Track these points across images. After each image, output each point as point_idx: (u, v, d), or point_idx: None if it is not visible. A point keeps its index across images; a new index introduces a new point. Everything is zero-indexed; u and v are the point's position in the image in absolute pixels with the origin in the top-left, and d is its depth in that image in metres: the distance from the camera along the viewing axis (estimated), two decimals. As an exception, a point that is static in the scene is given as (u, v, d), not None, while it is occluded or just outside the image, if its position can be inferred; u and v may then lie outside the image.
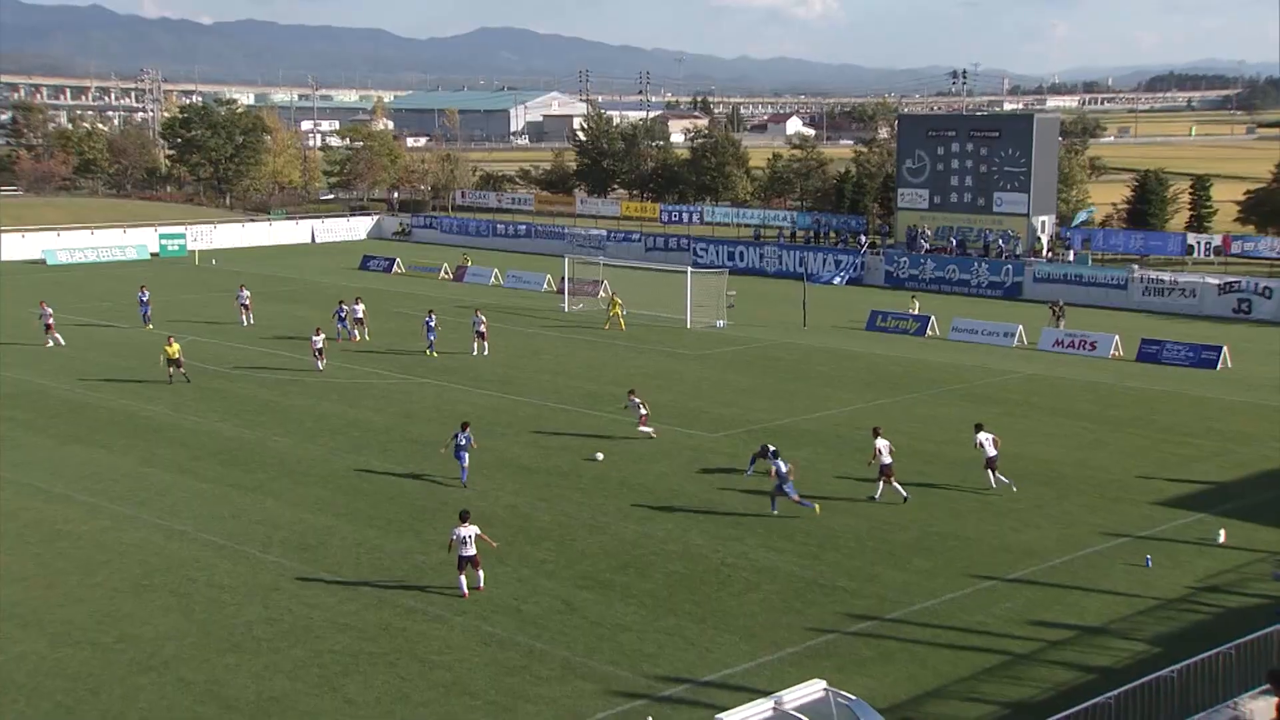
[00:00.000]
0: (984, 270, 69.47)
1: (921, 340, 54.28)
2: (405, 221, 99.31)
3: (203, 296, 64.55)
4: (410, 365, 46.49)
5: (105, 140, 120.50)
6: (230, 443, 35.22)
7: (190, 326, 54.46)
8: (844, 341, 53.41)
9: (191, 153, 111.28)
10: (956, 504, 30.08)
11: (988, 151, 72.67)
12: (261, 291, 65.61)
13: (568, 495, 30.39)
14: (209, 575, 25.01)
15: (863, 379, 45.12)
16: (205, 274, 75.41)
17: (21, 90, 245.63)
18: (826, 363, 48.33)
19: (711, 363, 48.09)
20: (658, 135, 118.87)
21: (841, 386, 43.68)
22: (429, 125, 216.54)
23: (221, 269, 77.69)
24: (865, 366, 47.63)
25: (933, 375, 46.00)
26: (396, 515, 28.80)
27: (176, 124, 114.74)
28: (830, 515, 29.05)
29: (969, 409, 40.28)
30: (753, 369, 46.68)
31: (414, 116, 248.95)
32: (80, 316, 57.94)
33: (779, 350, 51.01)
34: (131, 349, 49.24)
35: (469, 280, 72.76)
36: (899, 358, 49.49)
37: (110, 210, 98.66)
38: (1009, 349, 52.05)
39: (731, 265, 74.65)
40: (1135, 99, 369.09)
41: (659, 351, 49.76)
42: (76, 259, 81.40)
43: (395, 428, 37.01)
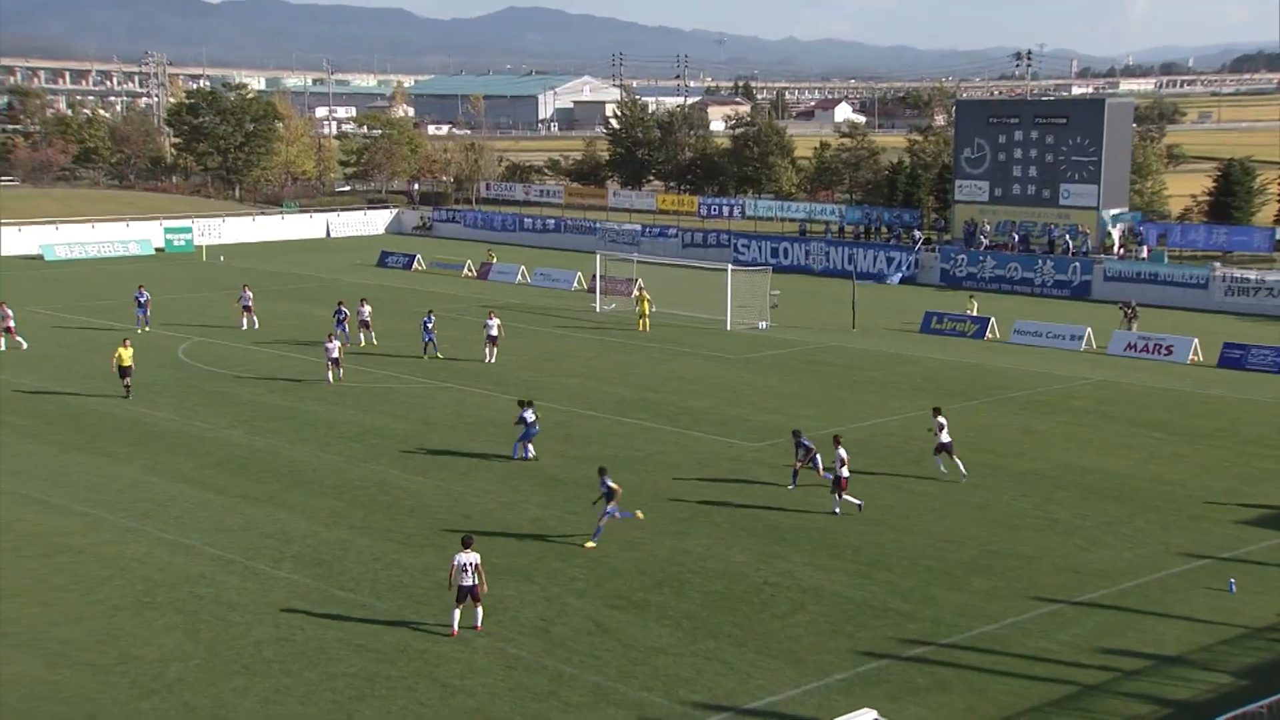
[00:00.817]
0: (1049, 268, 69.08)
1: (980, 343, 54.02)
2: (426, 215, 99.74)
3: (209, 295, 65.07)
4: (431, 369, 46.70)
5: (107, 127, 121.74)
6: (240, 451, 35.48)
7: (196, 328, 54.91)
8: (896, 344, 53.22)
9: (198, 141, 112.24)
10: (1018, 520, 29.92)
11: (1054, 139, 72.26)
12: (273, 290, 66.09)
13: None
14: (216, 592, 25.20)
15: (916, 385, 44.94)
16: (213, 271, 76.02)
17: (18, 74, 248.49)
18: (877, 367, 48.17)
19: (753, 367, 48.03)
20: (696, 123, 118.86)
21: (893, 393, 43.52)
22: (452, 112, 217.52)
23: (230, 265, 78.29)
24: (919, 371, 47.43)
25: (992, 381, 45.75)
26: (416, 529, 28.93)
27: (183, 110, 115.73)
28: (882, 532, 28.96)
29: (1032, 417, 40.06)
30: (798, 374, 46.58)
31: (436, 103, 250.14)
32: (81, 316, 58.55)
33: (826, 354, 50.87)
34: (135, 351, 49.70)
35: (494, 278, 72.98)
36: (956, 362, 49.26)
37: (112, 202, 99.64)
38: (1076, 353, 51.72)
39: (775, 262, 74.56)
40: (1219, 81, 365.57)
41: (697, 354, 49.74)
42: (76, 254, 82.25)
43: (414, 435, 37.18)
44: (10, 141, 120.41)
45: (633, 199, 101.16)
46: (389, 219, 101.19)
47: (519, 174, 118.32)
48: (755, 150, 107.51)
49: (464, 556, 22.96)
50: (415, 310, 59.15)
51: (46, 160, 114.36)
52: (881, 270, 74.25)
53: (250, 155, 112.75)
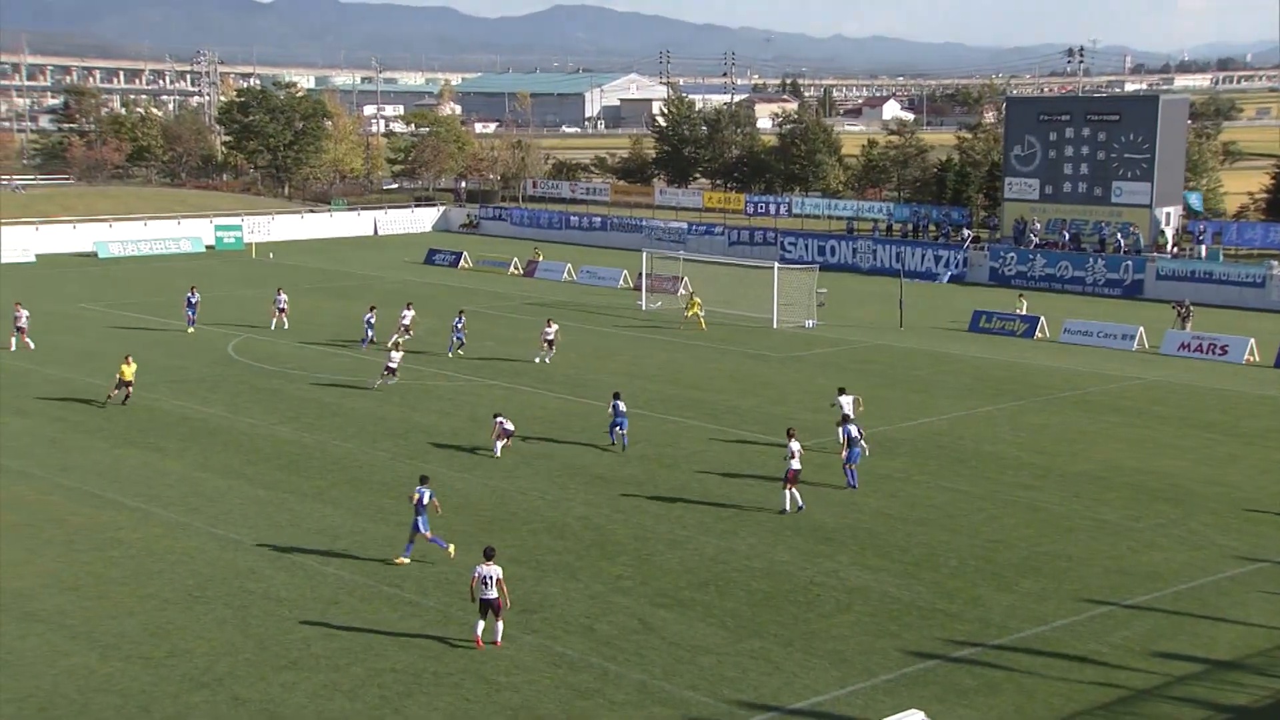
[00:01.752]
0: (1100, 267, 68.46)
1: (1030, 342, 53.63)
2: (473, 213, 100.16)
3: (259, 292, 65.63)
4: (478, 366, 46.90)
5: (159, 126, 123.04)
6: (288, 446, 35.79)
7: (245, 325, 55.42)
8: (944, 343, 52.92)
9: (249, 139, 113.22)
10: (1068, 521, 29.67)
11: (1106, 136, 71.61)
12: (320, 288, 66.59)
13: (645, 506, 30.46)
14: (265, 587, 25.44)
15: (964, 384, 44.67)
16: (262, 268, 76.69)
17: (74, 73, 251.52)
18: (925, 366, 47.91)
19: (800, 366, 47.90)
20: (743, 121, 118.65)
21: (941, 392, 43.28)
22: (499, 110, 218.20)
23: (279, 263, 78.95)
24: (967, 370, 47.15)
25: (1042, 380, 45.40)
26: (462, 526, 29.07)
27: (233, 109, 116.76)
28: (930, 532, 28.82)
29: (1083, 418, 39.72)
30: (844, 373, 46.41)
31: (483, 100, 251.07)
32: (133, 313, 59.24)
33: (873, 353, 50.66)
34: (186, 347, 50.25)
35: (540, 276, 73.18)
36: (1005, 361, 48.93)
37: (164, 200, 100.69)
38: (1128, 353, 51.23)
39: (822, 261, 74.32)
40: (1278, 76, 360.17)
41: (743, 353, 49.65)
42: (129, 252, 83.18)
43: (461, 432, 37.35)
44: (66, 140, 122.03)
45: (679, 197, 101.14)
46: (436, 217, 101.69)
47: (565, 172, 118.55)
48: (802, 148, 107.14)
49: (485, 569, 22.43)
50: (464, 307, 59.41)
51: (101, 159, 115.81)
52: (930, 269, 73.86)
53: (299, 153, 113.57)
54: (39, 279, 70.20)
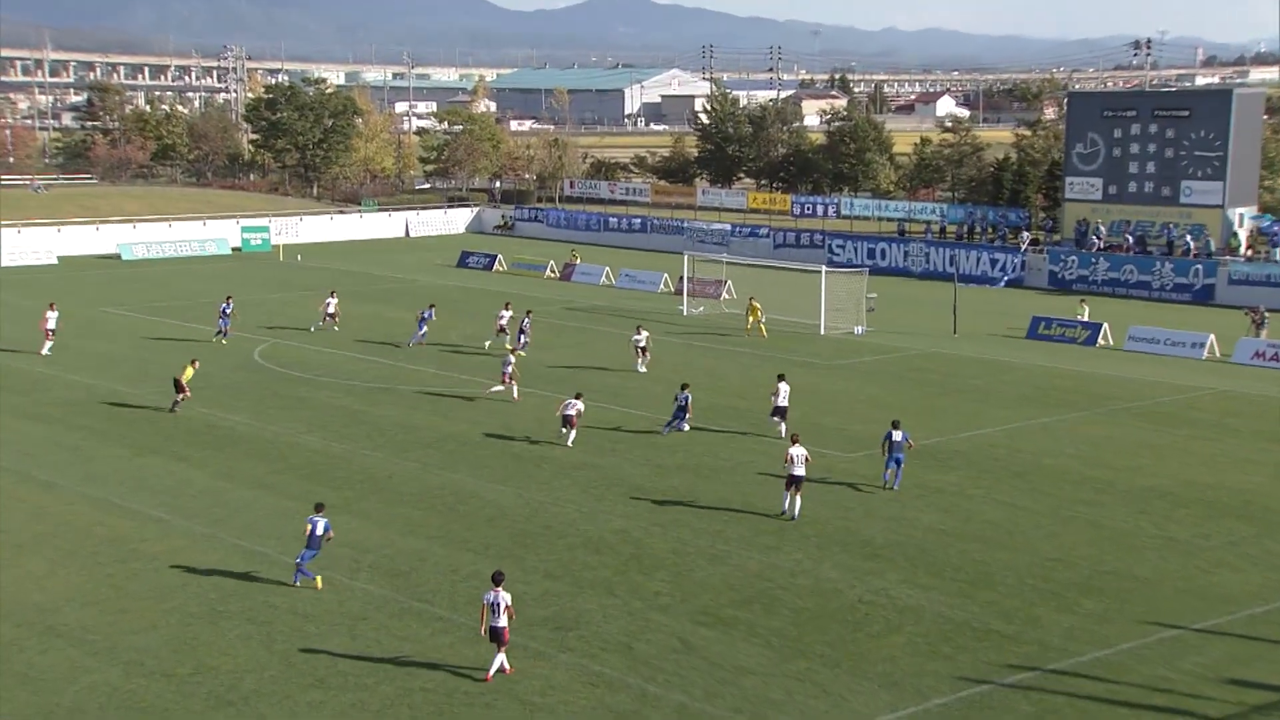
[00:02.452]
0: (1168, 271, 67.89)
1: (1092, 350, 53.25)
2: (508, 214, 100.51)
3: (287, 295, 66.14)
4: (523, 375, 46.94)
5: (185, 124, 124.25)
6: (315, 456, 36.00)
7: (272, 330, 55.83)
8: (1001, 351, 52.63)
9: (277, 137, 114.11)
10: (1133, 539, 29.42)
11: (1175, 133, 71.03)
12: (350, 291, 66.95)
13: (685, 520, 30.44)
14: (291, 602, 25.58)
15: (1022, 394, 44.41)
16: (290, 271, 77.24)
17: (97, 70, 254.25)
18: (980, 375, 47.66)
19: (848, 374, 47.75)
20: (790, 118, 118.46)
21: (997, 402, 43.04)
22: (535, 107, 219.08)
23: (307, 265, 79.49)
24: (1025, 379, 46.87)
25: (1105, 391, 45.07)
26: (495, 539, 29.14)
27: (261, 105, 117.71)
28: (986, 549, 28.64)
29: (1149, 430, 39.39)
30: (896, 381, 46.22)
31: (519, 97, 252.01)
32: (157, 318, 59.78)
33: (926, 360, 50.44)
34: (211, 353, 50.63)
35: (577, 279, 73.33)
36: (1065, 370, 48.61)
37: (189, 201, 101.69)
38: (1197, 362, 50.78)
39: (872, 264, 74.08)
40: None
41: (789, 360, 49.55)
42: (153, 254, 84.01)
43: (494, 441, 37.46)
44: (90, 139, 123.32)
45: (722, 197, 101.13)
46: (470, 218, 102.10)
47: (604, 171, 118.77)
48: (851, 146, 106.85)
49: (494, 595, 22.14)
50: (497, 312, 59.61)
51: (125, 158, 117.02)
52: (986, 273, 73.48)
53: (328, 152, 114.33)
54: (61, 282, 70.98)
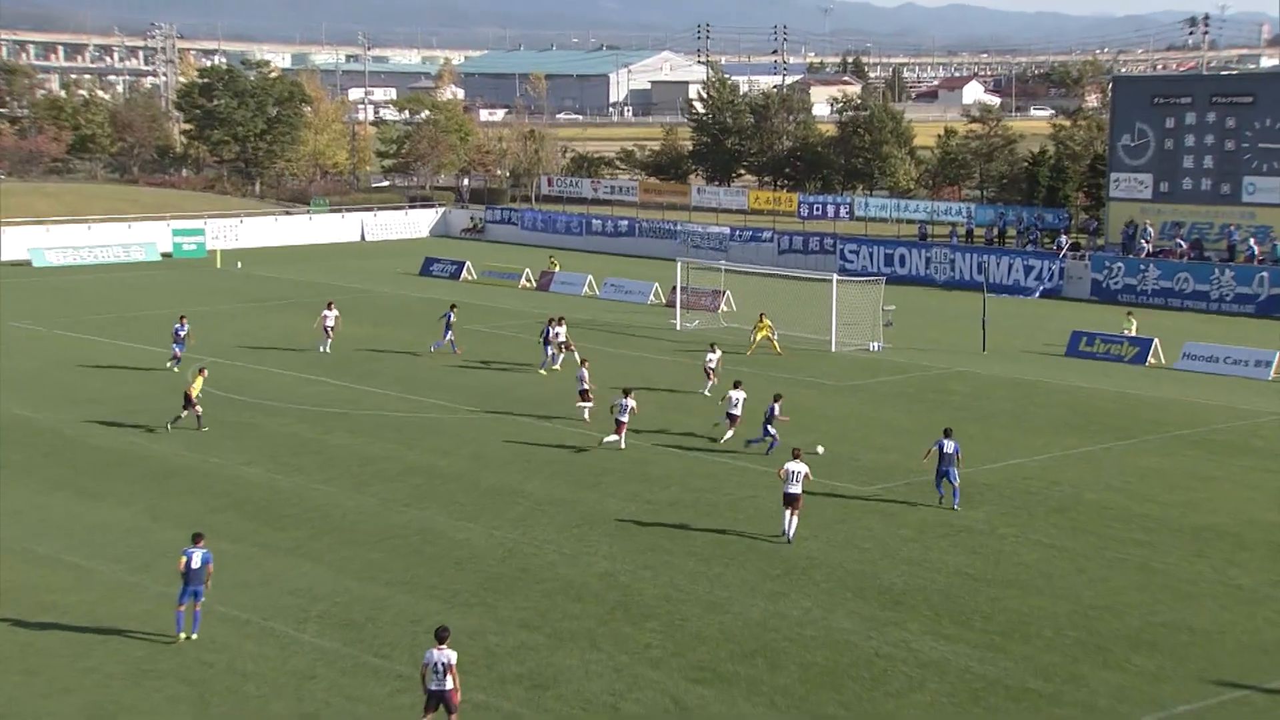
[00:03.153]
0: (1228, 279, 68.10)
1: (1141, 369, 53.38)
2: (477, 215, 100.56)
3: (226, 308, 66.07)
4: (488, 395, 47.01)
5: (107, 112, 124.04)
6: (259, 491, 35.93)
7: (209, 347, 55.69)
8: (1036, 370, 52.72)
9: (213, 128, 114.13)
10: (1190, 586, 29.45)
11: (1236, 122, 71.35)
12: (301, 303, 66.97)
13: (679, 562, 30.43)
14: (229, 659, 25.51)
15: (1061, 418, 44.50)
16: (229, 280, 77.15)
17: (3, 48, 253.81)
18: (1013, 397, 47.73)
19: (863, 396, 47.80)
20: (796, 107, 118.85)
21: (1032, 428, 43.13)
22: (508, 94, 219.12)
23: (249, 273, 79.41)
24: (1064, 402, 46.96)
25: (1156, 415, 45.17)
26: (464, 584, 29.11)
27: (195, 92, 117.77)
28: (1020, 596, 28.67)
29: (1207, 460, 39.49)
30: (916, 404, 46.27)
31: (490, 83, 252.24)
32: (75, 333, 59.66)
33: (951, 381, 50.52)
34: (140, 374, 50.53)
35: (556, 289, 73.35)
36: (1110, 392, 48.71)
37: (112, 200, 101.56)
38: (1263, 383, 50.96)
39: (890, 272, 74.26)
40: None
41: (796, 380, 49.60)
42: (70, 260, 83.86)
43: (465, 474, 37.44)
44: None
45: (720, 196, 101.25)
46: (434, 220, 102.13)
47: (586, 167, 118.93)
48: (866, 139, 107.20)
49: (438, 654, 21.91)
50: (472, 328, 59.58)
51: (36, 150, 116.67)
52: (1019, 281, 73.66)
53: (273, 145, 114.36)
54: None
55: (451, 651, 22.10)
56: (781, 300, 60.39)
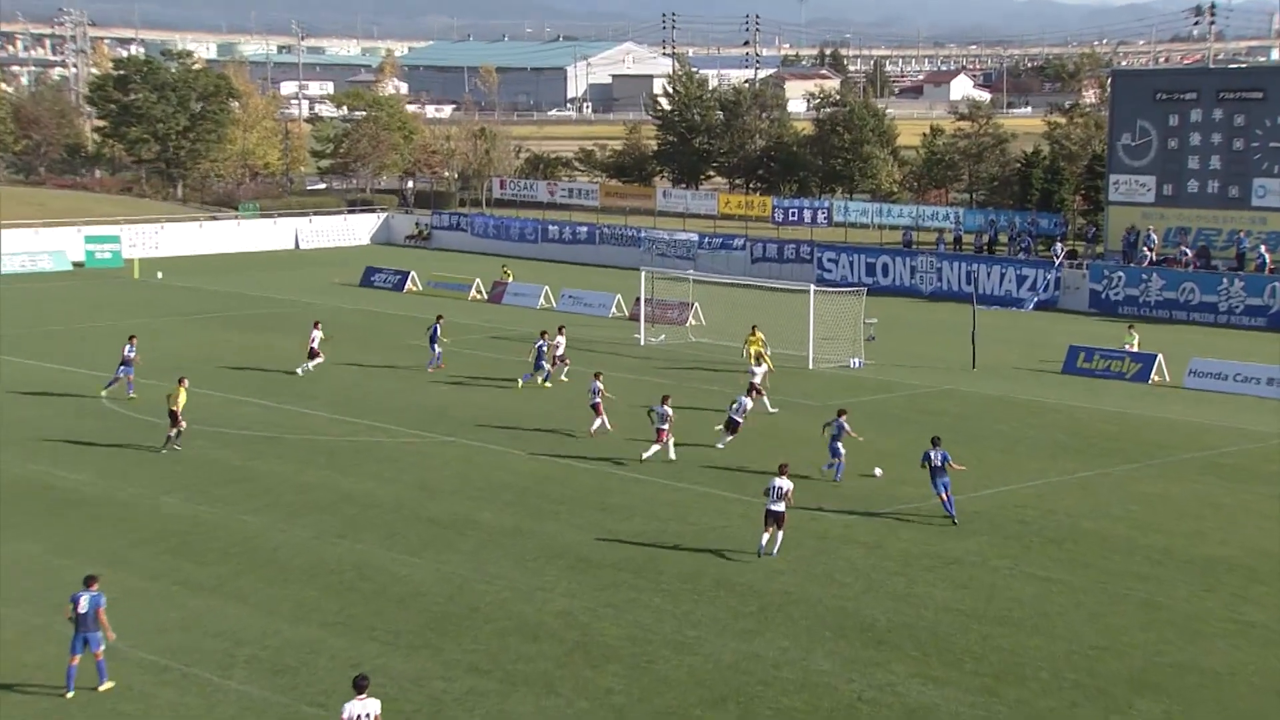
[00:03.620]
0: (1237, 289, 68.53)
1: (1144, 388, 53.64)
2: (423, 221, 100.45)
3: (144, 322, 65.67)
4: (432, 417, 46.88)
5: (10, 106, 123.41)
6: (180, 523, 35.69)
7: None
8: (1030, 388, 52.92)
9: (129, 125, 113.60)
10: (1199, 623, 29.54)
11: (1246, 120, 71.86)
12: (224, 317, 66.71)
13: (644, 599, 30.38)
14: (145, 710, 25.30)
15: (1057, 441, 44.68)
16: (148, 291, 76.72)
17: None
18: (1006, 418, 47.90)
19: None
20: (770, 103, 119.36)
21: (1026, 452, 43.28)
22: (456, 89, 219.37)
23: (170, 284, 79.01)
24: (1061, 424, 47.16)
25: (1160, 438, 45.40)
26: (408, 625, 28.97)
27: (109, 85, 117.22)
28: (1014, 635, 28.72)
29: (1216, 487, 39.69)
30: (901, 426, 46.37)
31: (436, 76, 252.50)
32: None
33: (938, 400, 50.66)
34: (47, 396, 50.17)
35: (509, 301, 73.30)
36: (1110, 412, 48.93)
37: (16, 203, 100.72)
38: (1275, 402, 51.27)
39: (871, 283, 74.48)
40: None
41: (771, 400, 49.64)
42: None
43: (408, 503, 37.31)
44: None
45: (688, 200, 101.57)
46: (375, 226, 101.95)
47: (542, 168, 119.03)
48: (846, 138, 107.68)
49: (356, 706, 21.50)
50: (412, 342, 59.42)
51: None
52: (1011, 292, 73.98)
53: (196, 144, 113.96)
54: None
55: (374, 701, 21.87)
56: (754, 313, 60.41)
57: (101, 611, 25.74)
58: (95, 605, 25.63)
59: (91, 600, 25.64)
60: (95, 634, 25.62)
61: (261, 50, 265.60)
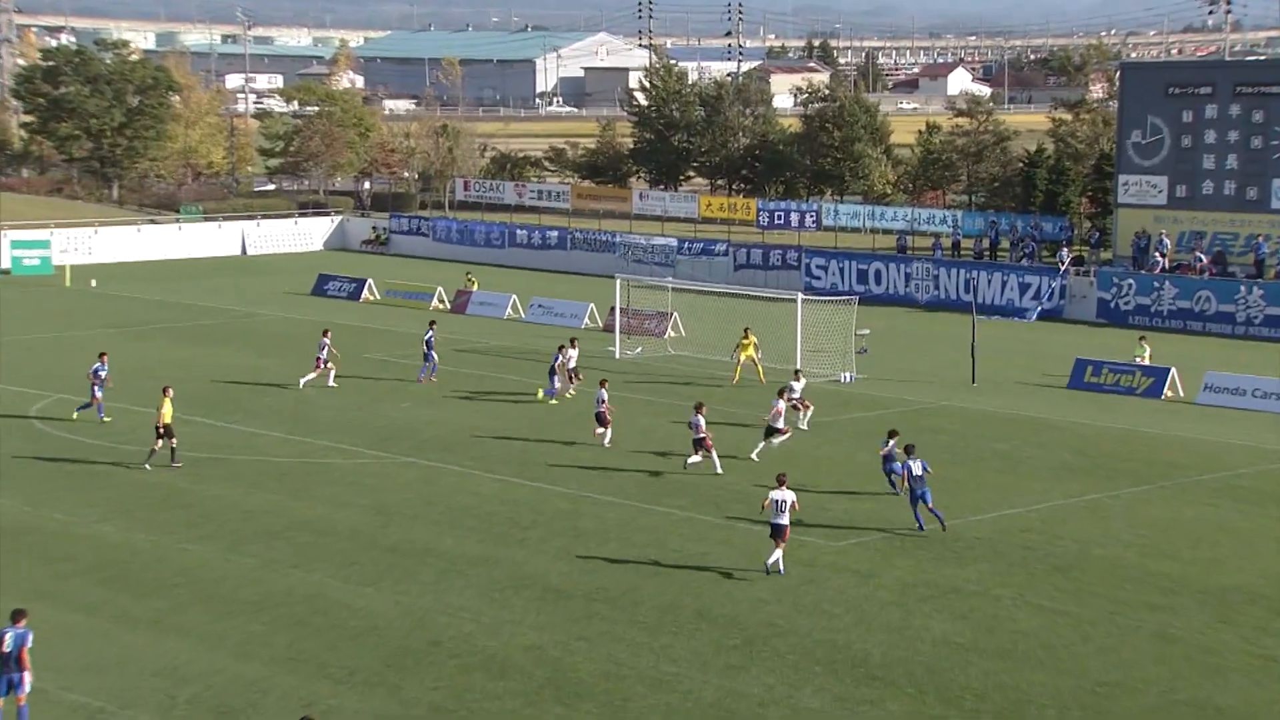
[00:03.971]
0: (1256, 298, 68.70)
1: (1156, 404, 53.78)
2: (380, 225, 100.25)
3: (78, 335, 65.45)
4: (390, 436, 46.79)
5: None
6: (116, 553, 35.55)
7: (57, 380, 55.17)
8: (1034, 405, 53.03)
9: (60, 120, 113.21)
10: (1216, 657, 29.59)
11: (1264, 116, 72.08)
12: (164, 329, 66.55)
13: (619, 632, 30.36)
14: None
15: (1064, 461, 44.77)
16: (81, 301, 76.44)
17: None
18: (1007, 436, 48.00)
19: (833, 435, 47.92)
20: (755, 98, 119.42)
21: (1030, 473, 43.36)
22: (416, 82, 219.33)
23: (105, 293, 78.74)
24: (1067, 442, 47.26)
25: (1174, 457, 45.52)
26: (364, 661, 28.90)
27: (37, 77, 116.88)
28: (1017, 669, 28.75)
29: (1233, 510, 39.80)
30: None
31: (394, 69, 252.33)
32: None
33: (935, 417, 50.73)
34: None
35: (474, 311, 73.22)
36: (1120, 430, 49.04)
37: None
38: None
39: (863, 290, 74.58)
40: None
41: (755, 417, 49.64)
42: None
43: (364, 530, 37.23)
44: None
45: (666, 202, 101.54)
46: (329, 230, 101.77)
47: (509, 168, 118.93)
48: (836, 135, 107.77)
49: None
50: (369, 355, 59.32)
51: None
52: (1013, 301, 74.12)
53: (133, 141, 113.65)
54: None
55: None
56: (738, 323, 60.48)
57: (25, 651, 25.02)
58: (19, 643, 24.91)
59: (16, 638, 24.93)
60: (16, 675, 24.93)
61: (204, 40, 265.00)
